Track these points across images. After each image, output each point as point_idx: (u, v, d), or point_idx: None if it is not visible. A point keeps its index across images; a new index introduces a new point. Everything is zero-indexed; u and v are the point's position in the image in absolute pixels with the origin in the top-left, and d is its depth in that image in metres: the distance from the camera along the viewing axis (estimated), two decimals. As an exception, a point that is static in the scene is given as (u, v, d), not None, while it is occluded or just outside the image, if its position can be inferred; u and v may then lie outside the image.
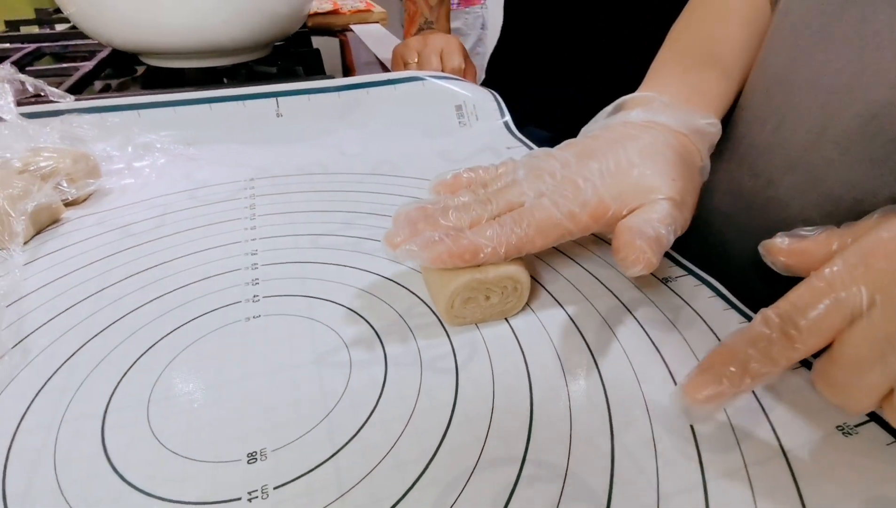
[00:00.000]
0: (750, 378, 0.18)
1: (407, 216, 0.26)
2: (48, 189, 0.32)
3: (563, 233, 0.26)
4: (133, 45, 0.48)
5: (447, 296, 0.24)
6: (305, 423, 0.20)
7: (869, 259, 0.17)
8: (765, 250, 0.21)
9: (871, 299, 0.16)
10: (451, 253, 0.24)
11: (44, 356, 0.23)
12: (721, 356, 0.18)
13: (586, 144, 0.28)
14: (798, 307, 0.18)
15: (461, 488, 0.18)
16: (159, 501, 0.18)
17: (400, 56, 0.61)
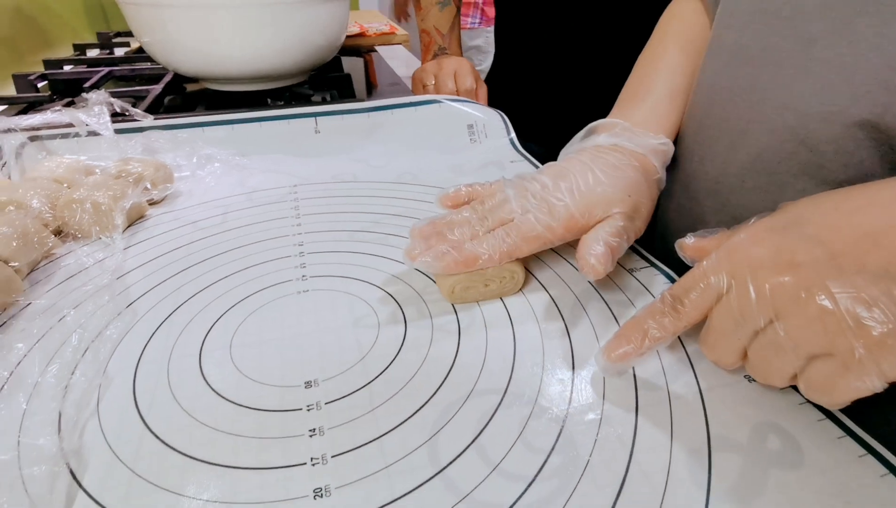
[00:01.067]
0: (649, 342, 0.25)
1: (420, 232, 0.33)
2: (138, 191, 0.40)
3: (544, 242, 0.33)
4: (194, 71, 0.56)
5: (449, 285, 0.31)
6: (346, 363, 0.28)
7: (731, 253, 0.23)
8: (678, 246, 0.28)
9: (729, 284, 0.23)
10: (456, 262, 0.31)
11: (149, 315, 0.31)
12: (630, 326, 0.25)
13: (562, 166, 0.35)
14: (684, 289, 0.25)
15: (459, 407, 0.25)
16: (244, 408, 0.25)
17: (419, 80, 0.69)
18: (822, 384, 0.21)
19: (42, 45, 0.89)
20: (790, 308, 0.21)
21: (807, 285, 0.21)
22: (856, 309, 0.20)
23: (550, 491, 0.21)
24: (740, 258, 0.23)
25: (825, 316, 0.20)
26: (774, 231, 0.23)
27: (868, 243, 0.20)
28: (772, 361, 0.22)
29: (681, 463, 0.22)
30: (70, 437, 0.23)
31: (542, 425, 0.24)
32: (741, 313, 0.22)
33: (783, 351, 0.22)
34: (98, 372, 0.27)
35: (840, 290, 0.20)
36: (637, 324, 0.25)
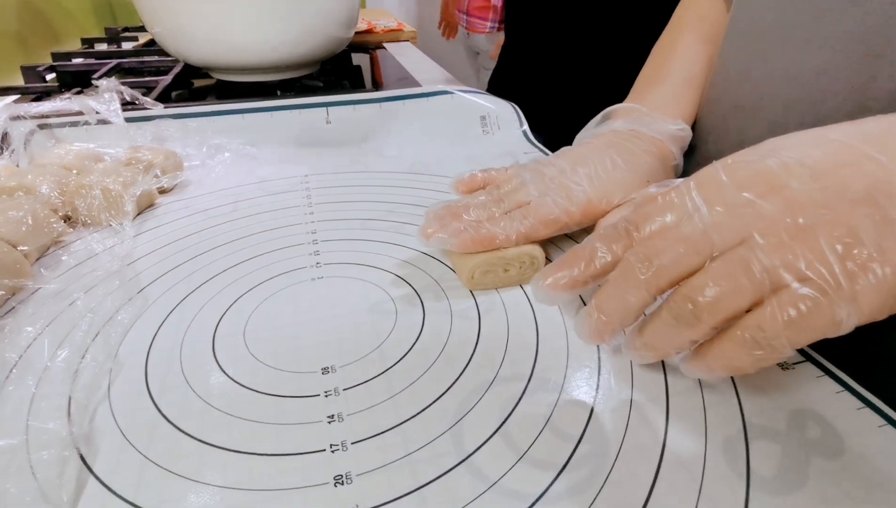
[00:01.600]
0: (594, 267, 0.23)
1: (436, 214, 0.32)
2: (149, 179, 0.39)
3: (562, 226, 0.32)
4: (205, 61, 0.56)
5: (469, 269, 0.30)
6: (363, 349, 0.27)
7: (700, 178, 0.21)
8: (638, 197, 0.26)
9: (697, 204, 0.21)
10: (473, 240, 0.30)
11: (161, 300, 0.30)
12: (574, 251, 0.24)
13: (579, 151, 0.34)
14: (643, 215, 0.23)
15: (482, 393, 0.24)
16: (260, 394, 0.24)
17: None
18: (788, 319, 0.18)
19: (50, 39, 0.88)
20: (768, 228, 0.19)
21: (789, 204, 0.19)
22: (839, 233, 0.18)
23: (582, 479, 0.20)
24: (712, 182, 0.21)
25: (806, 237, 0.18)
26: (749, 160, 0.21)
27: (849, 169, 0.19)
28: (732, 284, 0.19)
29: (717, 451, 0.21)
30: (80, 421, 0.23)
31: (569, 411, 0.23)
32: (705, 232, 0.20)
33: (749, 273, 0.19)
34: (109, 356, 0.26)
35: (826, 211, 0.18)
36: (582, 248, 0.24)
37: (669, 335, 0.21)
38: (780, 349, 0.19)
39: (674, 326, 0.21)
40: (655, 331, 0.22)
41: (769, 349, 0.19)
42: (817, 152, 0.20)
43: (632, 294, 0.22)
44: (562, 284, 0.24)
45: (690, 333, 0.20)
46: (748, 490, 0.20)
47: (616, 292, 0.22)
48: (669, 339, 0.21)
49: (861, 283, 0.18)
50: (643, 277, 0.21)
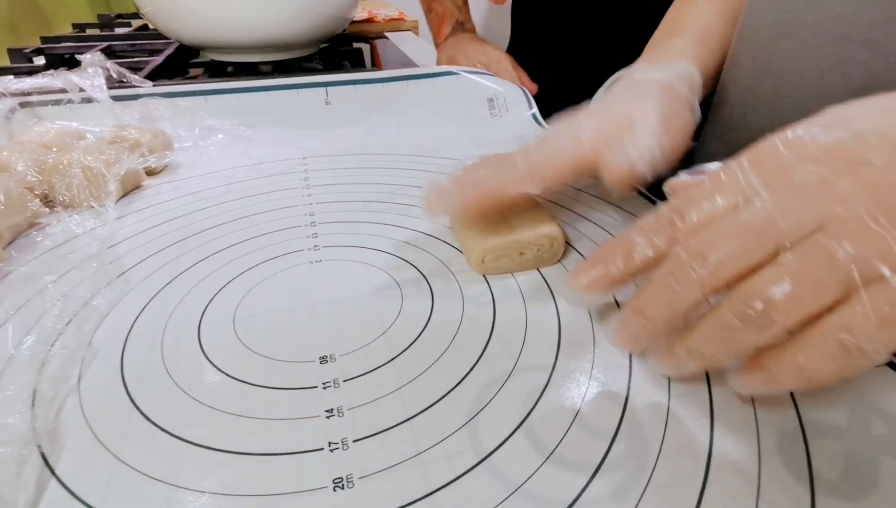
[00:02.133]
0: (635, 261, 0.20)
1: (436, 183, 0.28)
2: (134, 157, 0.37)
3: (572, 161, 0.28)
4: (198, 39, 0.53)
5: (479, 252, 0.28)
6: (366, 337, 0.24)
7: (758, 156, 0.19)
8: (668, 187, 0.23)
9: (756, 188, 0.18)
10: (476, 191, 0.27)
11: (143, 285, 0.28)
12: (609, 246, 0.21)
13: (587, 111, 0.31)
14: (690, 199, 0.19)
15: (500, 385, 0.21)
16: (249, 385, 0.21)
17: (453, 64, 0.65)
18: (884, 317, 0.15)
19: (41, 26, 0.86)
20: (850, 211, 0.16)
21: (872, 183, 0.16)
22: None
23: (620, 483, 0.17)
24: (771, 160, 0.18)
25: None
26: (814, 133, 0.18)
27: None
28: (812, 278, 0.16)
29: (772, 451, 0.19)
30: (44, 416, 0.20)
31: (600, 405, 0.20)
32: (770, 218, 0.17)
33: (833, 265, 0.16)
34: (82, 344, 0.23)
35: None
36: (618, 242, 0.21)
37: (728, 339, 0.18)
38: (873, 355, 0.16)
39: (736, 329, 0.17)
40: (708, 335, 0.18)
41: (859, 354, 0.16)
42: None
43: (682, 295, 0.18)
44: (598, 284, 0.21)
45: (757, 337, 0.17)
46: (813, 496, 0.17)
47: (663, 293, 0.19)
48: (727, 345, 0.18)
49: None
50: (696, 275, 0.18)
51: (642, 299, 0.20)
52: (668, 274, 0.19)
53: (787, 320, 0.17)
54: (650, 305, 0.20)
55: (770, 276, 0.17)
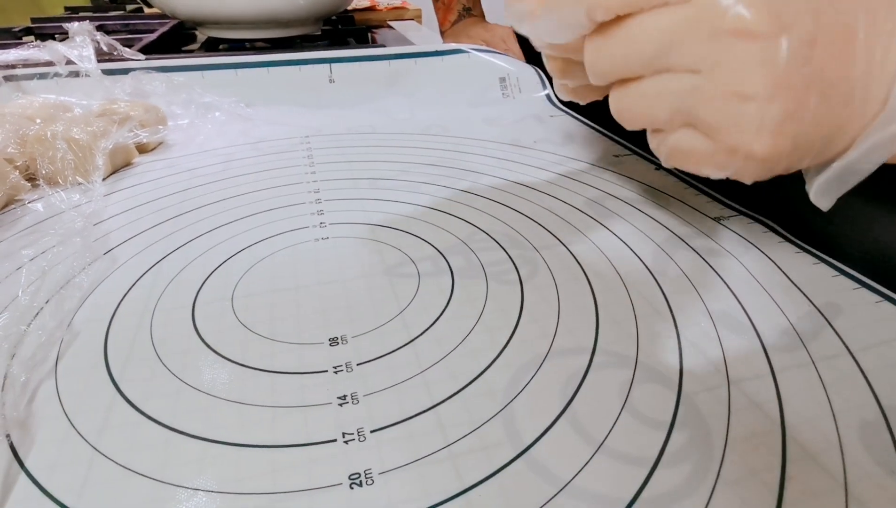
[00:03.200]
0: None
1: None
2: (125, 131, 0.34)
3: None
4: (195, 14, 0.50)
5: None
6: (381, 317, 0.21)
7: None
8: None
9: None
10: None
11: (131, 262, 0.25)
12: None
13: None
14: None
15: (535, 370, 0.19)
16: (251, 370, 0.19)
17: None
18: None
19: (33, 11, 0.83)
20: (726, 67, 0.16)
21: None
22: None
23: (684, 479, 0.15)
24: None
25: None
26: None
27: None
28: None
29: (855, 443, 0.16)
30: (15, 403, 0.17)
31: (651, 390, 0.18)
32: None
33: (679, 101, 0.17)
34: (61, 324, 0.21)
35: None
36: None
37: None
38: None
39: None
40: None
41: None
42: None
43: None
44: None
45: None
46: (909, 493, 0.15)
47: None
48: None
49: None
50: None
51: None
52: None
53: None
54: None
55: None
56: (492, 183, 0.33)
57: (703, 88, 0.17)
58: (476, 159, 0.36)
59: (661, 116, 0.19)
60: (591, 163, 0.36)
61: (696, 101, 0.17)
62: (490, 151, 0.38)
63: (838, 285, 0.23)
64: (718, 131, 0.17)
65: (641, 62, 0.18)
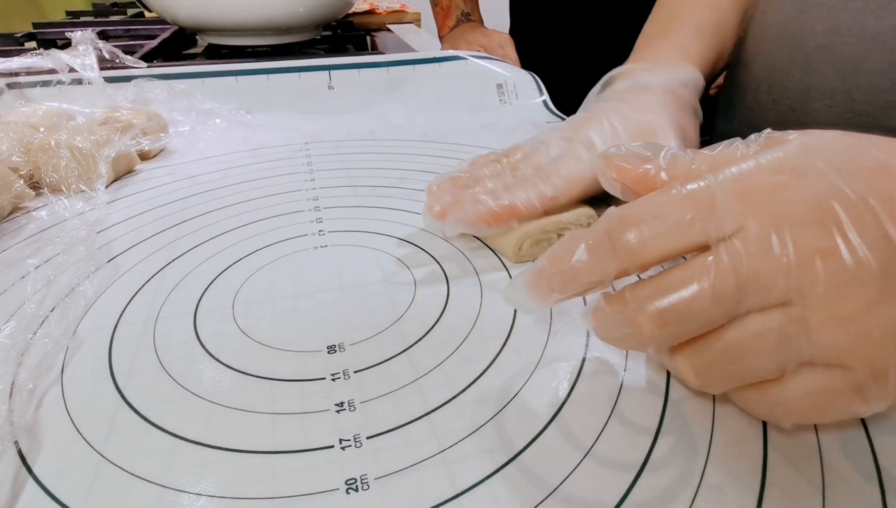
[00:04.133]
0: (580, 289, 0.17)
1: (440, 187, 0.27)
2: (127, 139, 0.35)
3: (590, 184, 0.27)
4: (196, 22, 0.51)
5: (515, 242, 0.26)
6: (378, 325, 0.22)
7: (743, 188, 0.15)
8: (601, 162, 0.19)
9: (738, 228, 0.15)
10: (492, 213, 0.25)
11: (134, 270, 0.26)
12: (551, 263, 0.17)
13: (587, 116, 0.29)
14: (644, 214, 0.16)
15: (527, 377, 0.19)
16: (251, 377, 0.19)
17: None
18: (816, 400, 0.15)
19: (35, 15, 0.83)
20: (822, 288, 0.14)
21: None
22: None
23: (669, 484, 0.16)
24: (763, 202, 0.15)
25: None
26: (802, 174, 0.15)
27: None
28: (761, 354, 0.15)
29: (834, 449, 0.17)
30: (23, 410, 0.18)
31: (638, 397, 0.18)
32: (752, 277, 0.14)
33: (787, 342, 0.14)
34: (66, 332, 0.21)
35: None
36: (562, 263, 0.17)
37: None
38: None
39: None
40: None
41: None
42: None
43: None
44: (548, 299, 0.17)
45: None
46: (884, 497, 0.15)
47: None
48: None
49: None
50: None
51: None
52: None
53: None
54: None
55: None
56: (488, 191, 0.33)
57: (804, 316, 0.14)
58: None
59: (765, 364, 0.15)
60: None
61: (803, 332, 0.14)
62: (486, 158, 0.39)
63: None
64: (843, 365, 0.14)
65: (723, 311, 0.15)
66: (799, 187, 0.15)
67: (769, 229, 0.14)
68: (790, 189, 0.15)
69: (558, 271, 0.17)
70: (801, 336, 0.14)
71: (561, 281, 0.17)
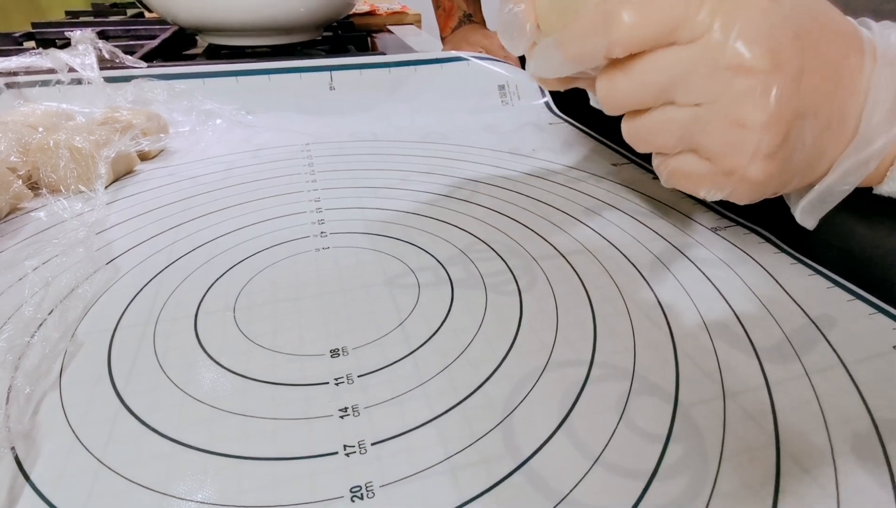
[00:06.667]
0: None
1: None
2: (127, 139, 0.34)
3: None
4: (196, 22, 0.51)
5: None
6: (382, 328, 0.22)
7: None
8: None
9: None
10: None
11: (134, 272, 0.25)
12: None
13: None
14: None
15: (533, 382, 0.19)
16: (253, 381, 0.19)
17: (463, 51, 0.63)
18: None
19: (34, 14, 0.83)
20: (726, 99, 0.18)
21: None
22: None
23: (680, 492, 0.15)
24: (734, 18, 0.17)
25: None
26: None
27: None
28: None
29: (848, 456, 0.16)
30: (20, 415, 0.17)
31: (647, 403, 0.18)
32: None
33: (687, 131, 0.19)
34: (65, 335, 0.21)
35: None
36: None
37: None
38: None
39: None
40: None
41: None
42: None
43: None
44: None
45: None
46: (900, 507, 0.15)
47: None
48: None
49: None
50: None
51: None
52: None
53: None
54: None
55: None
56: (491, 192, 0.33)
57: (704, 118, 0.18)
58: (475, 168, 0.37)
59: (668, 143, 0.20)
60: (589, 172, 0.36)
61: (698, 129, 0.19)
62: (489, 159, 0.38)
63: (833, 297, 0.23)
64: (717, 156, 0.19)
65: (651, 96, 0.19)
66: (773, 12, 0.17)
67: (719, 49, 0.17)
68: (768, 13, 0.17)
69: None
70: (697, 131, 0.19)
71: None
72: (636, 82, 0.19)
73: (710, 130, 0.18)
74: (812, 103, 0.18)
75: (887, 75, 0.18)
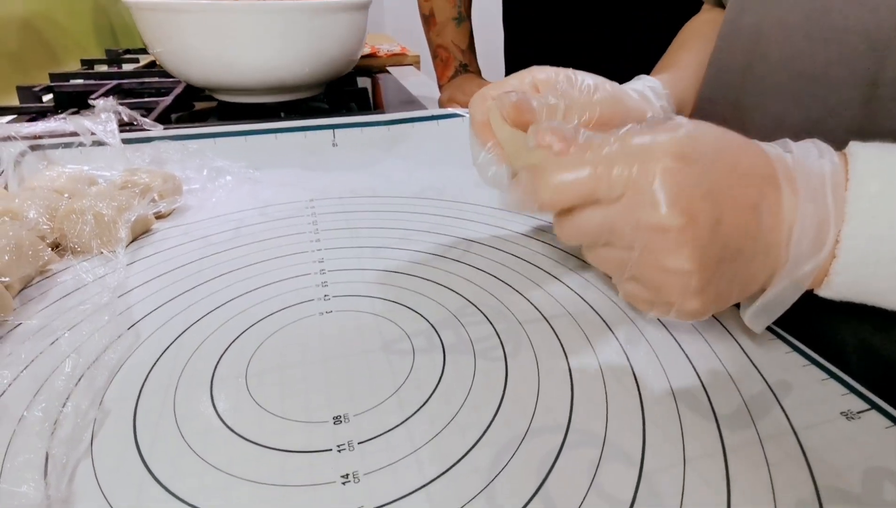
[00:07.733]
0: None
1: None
2: (145, 203, 0.37)
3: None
4: (208, 81, 0.54)
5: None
6: (379, 395, 0.24)
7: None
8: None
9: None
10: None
11: (154, 337, 0.28)
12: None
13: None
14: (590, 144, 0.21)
15: (515, 449, 0.21)
16: (264, 448, 0.21)
17: (452, 102, 0.66)
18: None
19: (49, 60, 0.87)
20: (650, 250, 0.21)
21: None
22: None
23: (640, 556, 0.17)
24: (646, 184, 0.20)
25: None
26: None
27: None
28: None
29: (790, 520, 0.19)
30: (58, 483, 0.20)
31: (615, 469, 0.20)
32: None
33: (623, 268, 0.22)
34: (93, 404, 0.23)
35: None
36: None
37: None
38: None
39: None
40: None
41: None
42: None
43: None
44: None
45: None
46: (833, 569, 0.17)
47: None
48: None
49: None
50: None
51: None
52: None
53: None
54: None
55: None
56: (482, 251, 0.36)
57: (638, 261, 0.21)
58: (469, 226, 0.39)
59: (613, 272, 0.24)
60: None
61: (635, 267, 0.22)
62: (482, 216, 0.41)
63: (790, 362, 0.26)
64: (655, 292, 0.22)
65: (591, 238, 0.23)
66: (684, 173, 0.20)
67: (637, 208, 0.20)
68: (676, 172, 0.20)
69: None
70: (634, 268, 0.22)
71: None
72: (575, 228, 0.23)
73: (643, 271, 0.22)
74: (734, 245, 0.20)
75: (810, 211, 0.20)
